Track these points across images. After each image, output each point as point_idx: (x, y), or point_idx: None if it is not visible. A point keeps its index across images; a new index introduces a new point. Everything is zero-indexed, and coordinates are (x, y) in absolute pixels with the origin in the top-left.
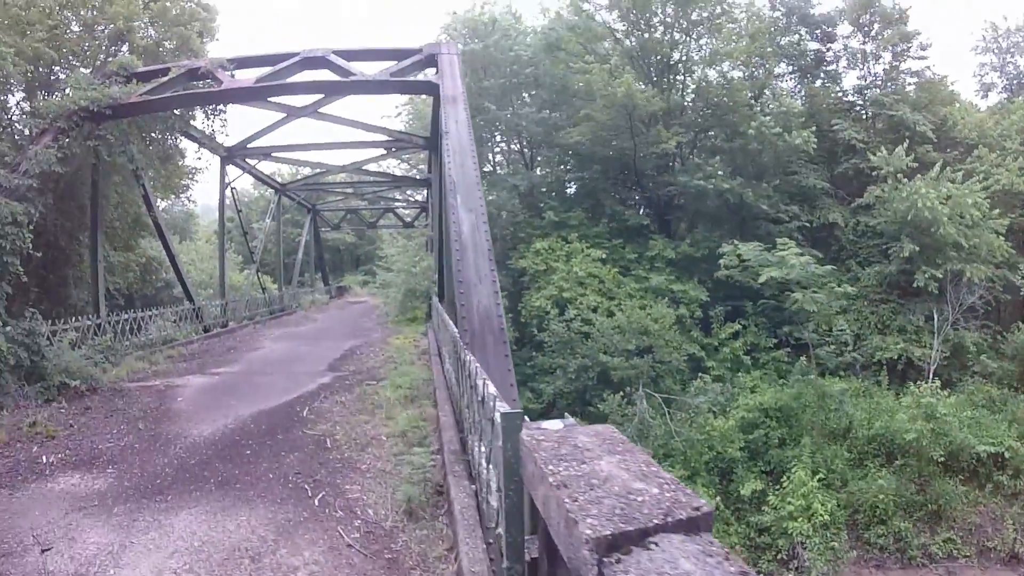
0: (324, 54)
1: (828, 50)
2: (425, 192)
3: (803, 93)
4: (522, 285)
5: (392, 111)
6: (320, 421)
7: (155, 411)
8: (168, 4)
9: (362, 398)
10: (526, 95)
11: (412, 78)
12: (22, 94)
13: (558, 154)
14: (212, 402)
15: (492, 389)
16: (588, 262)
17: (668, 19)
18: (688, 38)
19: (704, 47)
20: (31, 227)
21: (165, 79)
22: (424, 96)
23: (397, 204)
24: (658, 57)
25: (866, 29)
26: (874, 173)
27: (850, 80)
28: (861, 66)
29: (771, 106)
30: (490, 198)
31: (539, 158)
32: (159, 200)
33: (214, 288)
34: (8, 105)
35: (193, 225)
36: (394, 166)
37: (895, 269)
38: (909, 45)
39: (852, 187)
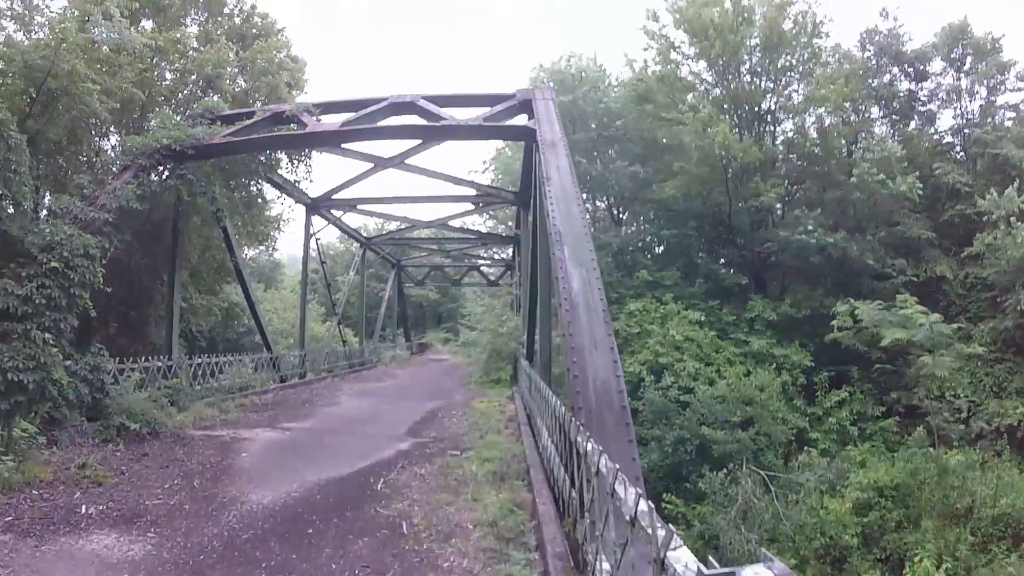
0: (413, 99)
1: (921, 89)
2: (511, 250)
3: (897, 137)
4: None
5: (479, 167)
6: (396, 498)
7: (215, 466)
8: (259, 55)
9: (444, 471)
10: (611, 151)
11: (506, 123)
12: (116, 138)
13: (650, 210)
14: (278, 462)
15: (647, 506)
16: (685, 325)
17: (757, 67)
18: (777, 85)
19: (794, 94)
20: (103, 262)
21: (250, 122)
22: (510, 152)
23: (481, 262)
24: (747, 106)
25: (958, 64)
26: (984, 219)
27: (945, 120)
28: (956, 104)
29: (870, 153)
30: None
31: (624, 215)
32: (246, 248)
33: (295, 337)
34: (104, 148)
35: (279, 275)
36: (479, 223)
37: (1011, 324)
38: (1005, 76)
39: (958, 235)
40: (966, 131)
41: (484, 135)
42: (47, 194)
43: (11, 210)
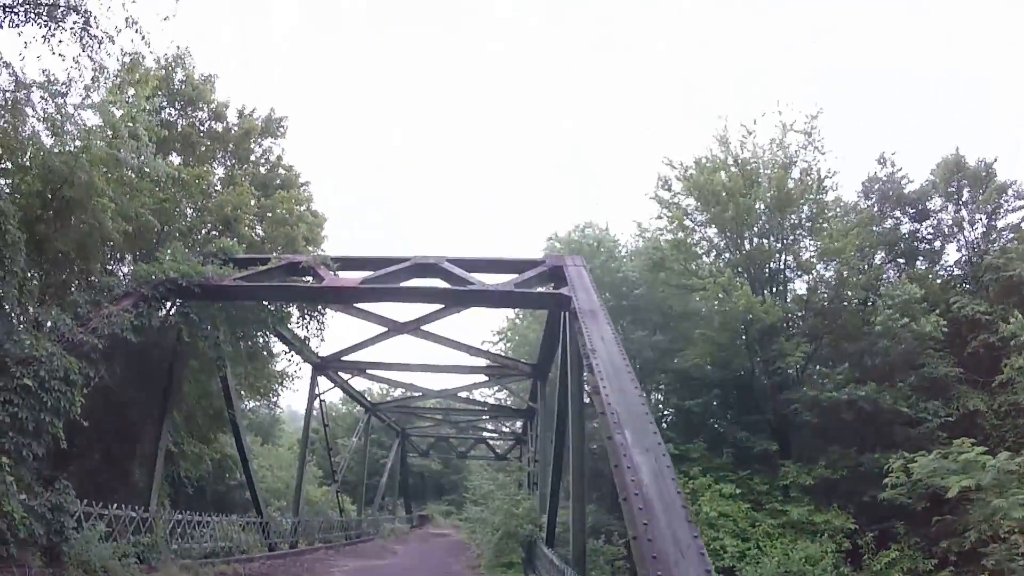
0: (437, 261)
1: (924, 228)
2: (521, 423)
3: (906, 278)
4: None
5: (488, 335)
6: None
7: None
8: (280, 204)
9: None
10: (625, 320)
11: (538, 290)
12: (129, 262)
13: (669, 379)
14: None
15: None
16: (718, 499)
17: (766, 227)
18: (785, 243)
19: (804, 250)
20: (85, 390)
21: (264, 268)
22: (524, 321)
23: (488, 434)
24: (757, 264)
25: (956, 197)
26: (1012, 343)
27: (950, 254)
28: (958, 236)
29: (890, 299)
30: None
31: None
32: (246, 399)
33: (288, 500)
34: (113, 271)
35: (278, 430)
36: (487, 395)
37: None
38: (1004, 198)
39: (984, 366)
40: (974, 260)
41: (514, 302)
42: (53, 307)
43: None
